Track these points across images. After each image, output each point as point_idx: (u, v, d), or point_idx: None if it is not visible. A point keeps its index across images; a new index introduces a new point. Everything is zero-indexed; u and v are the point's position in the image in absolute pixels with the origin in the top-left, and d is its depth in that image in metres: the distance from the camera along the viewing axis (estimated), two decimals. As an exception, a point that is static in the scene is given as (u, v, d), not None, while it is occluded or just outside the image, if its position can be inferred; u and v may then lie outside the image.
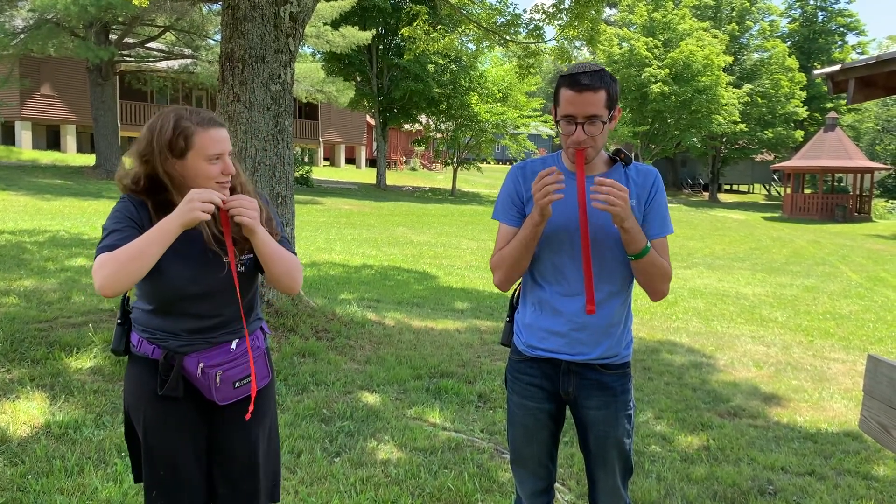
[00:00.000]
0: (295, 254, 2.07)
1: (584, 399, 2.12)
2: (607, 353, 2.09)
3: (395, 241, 14.76)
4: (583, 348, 2.08)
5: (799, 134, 41.11)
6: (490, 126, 30.82)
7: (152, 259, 1.78)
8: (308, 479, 3.22)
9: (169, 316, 1.95)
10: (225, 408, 2.02)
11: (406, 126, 36.48)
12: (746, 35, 45.35)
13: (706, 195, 44.57)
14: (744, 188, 51.26)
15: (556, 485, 2.42)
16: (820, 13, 48.16)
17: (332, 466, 3.36)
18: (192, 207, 1.77)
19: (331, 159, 39.71)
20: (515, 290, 2.28)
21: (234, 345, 1.99)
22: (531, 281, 2.17)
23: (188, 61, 22.28)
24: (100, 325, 5.17)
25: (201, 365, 1.94)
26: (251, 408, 2.02)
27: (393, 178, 35.47)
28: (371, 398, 4.41)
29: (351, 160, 41.66)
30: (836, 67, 4.06)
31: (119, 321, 2.03)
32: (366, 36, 23.86)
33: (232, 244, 1.92)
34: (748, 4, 44.80)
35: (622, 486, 2.18)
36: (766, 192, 49.67)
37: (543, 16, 11.08)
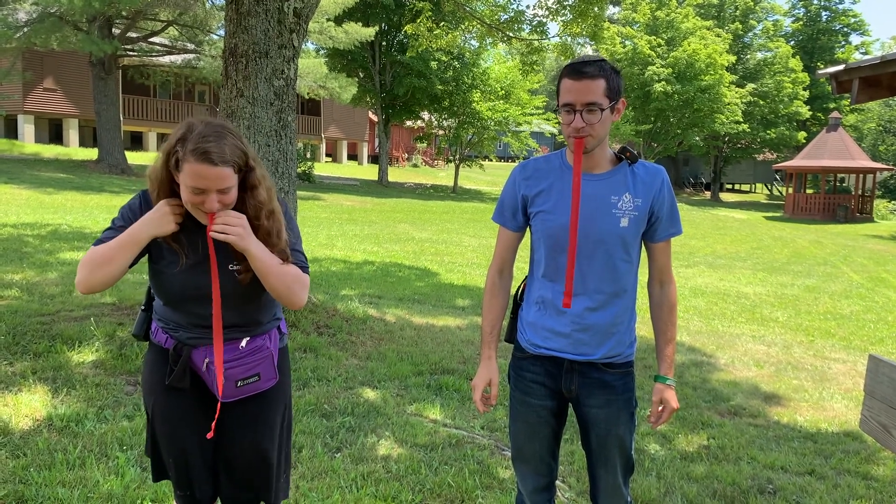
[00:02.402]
0: (306, 267, 2.02)
1: (587, 397, 2.12)
2: (611, 352, 2.09)
3: (397, 238, 14.76)
4: (586, 349, 2.08)
5: (801, 134, 41.04)
6: (492, 123, 30.80)
7: (121, 264, 1.80)
8: (309, 474, 3.23)
9: (178, 311, 1.97)
10: (230, 405, 2.03)
11: (408, 123, 36.46)
12: (750, 34, 45.27)
13: (708, 194, 44.54)
14: (746, 188, 51.21)
15: (557, 482, 2.43)
16: (824, 13, 48.05)
17: (332, 461, 3.37)
18: (166, 221, 1.81)
19: (333, 155, 39.69)
20: (520, 287, 2.28)
21: (243, 343, 1.99)
22: (534, 279, 2.17)
23: (191, 56, 22.24)
24: (101, 319, 5.17)
25: (207, 360, 1.95)
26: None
27: (395, 174, 35.46)
28: (372, 394, 4.42)
29: (353, 156, 41.64)
30: (841, 67, 4.06)
31: (143, 307, 2.08)
32: (369, 32, 23.83)
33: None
34: (752, 4, 44.69)
35: (623, 483, 2.18)
36: (768, 192, 49.61)
37: (547, 12, 11.08)
